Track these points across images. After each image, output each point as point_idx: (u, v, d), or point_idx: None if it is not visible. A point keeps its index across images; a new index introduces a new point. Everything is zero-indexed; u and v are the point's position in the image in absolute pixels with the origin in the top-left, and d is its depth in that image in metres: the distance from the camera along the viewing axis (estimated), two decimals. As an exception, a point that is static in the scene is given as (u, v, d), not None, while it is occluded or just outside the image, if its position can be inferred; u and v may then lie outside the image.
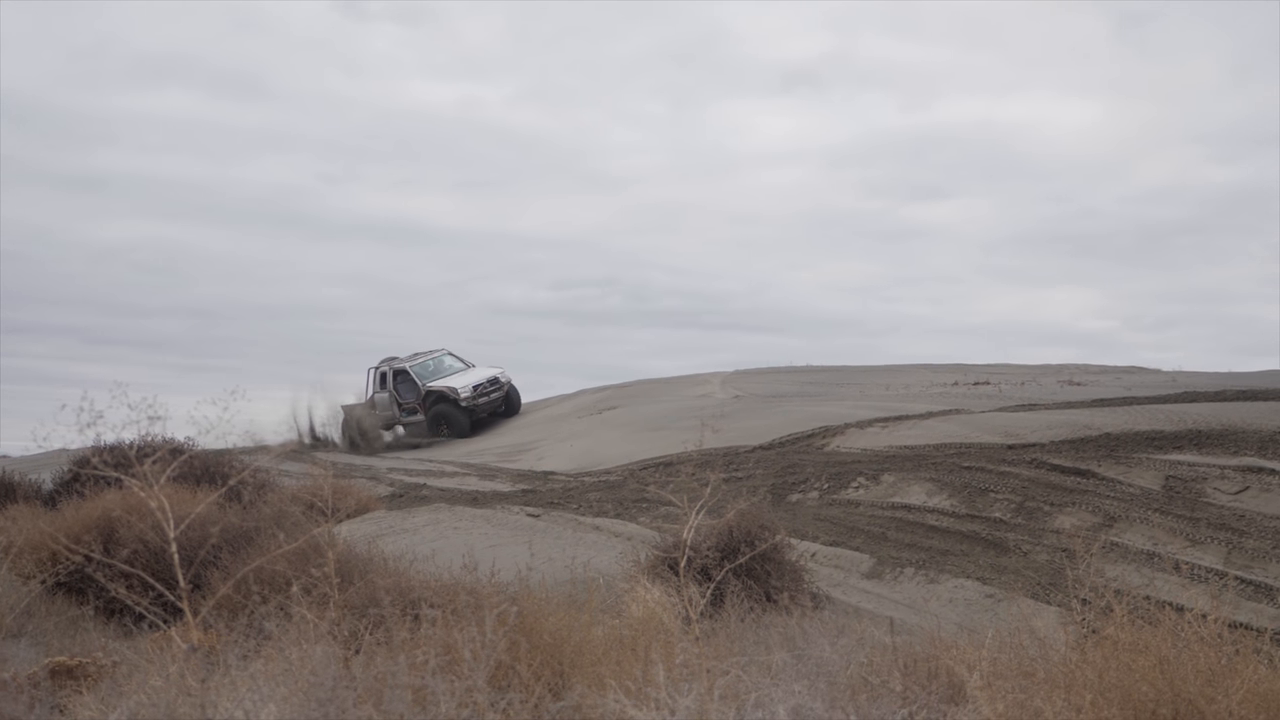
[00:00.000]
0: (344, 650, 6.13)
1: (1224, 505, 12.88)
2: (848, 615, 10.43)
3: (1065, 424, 16.08)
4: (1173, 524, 12.60)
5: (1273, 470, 13.36)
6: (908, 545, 13.05)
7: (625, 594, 9.07)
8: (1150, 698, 4.58)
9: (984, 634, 6.91)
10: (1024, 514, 13.44)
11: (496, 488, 18.64)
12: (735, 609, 8.58)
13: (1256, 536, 12.10)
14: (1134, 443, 14.88)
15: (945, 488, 14.40)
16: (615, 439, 22.28)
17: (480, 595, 7.16)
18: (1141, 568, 11.65)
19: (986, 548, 12.78)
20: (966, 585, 11.92)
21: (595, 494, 16.78)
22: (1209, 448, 14.36)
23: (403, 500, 17.92)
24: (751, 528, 10.47)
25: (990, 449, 15.51)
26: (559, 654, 6.49)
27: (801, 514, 14.38)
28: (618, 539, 13.63)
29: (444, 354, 34.47)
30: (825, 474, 15.72)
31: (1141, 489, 13.55)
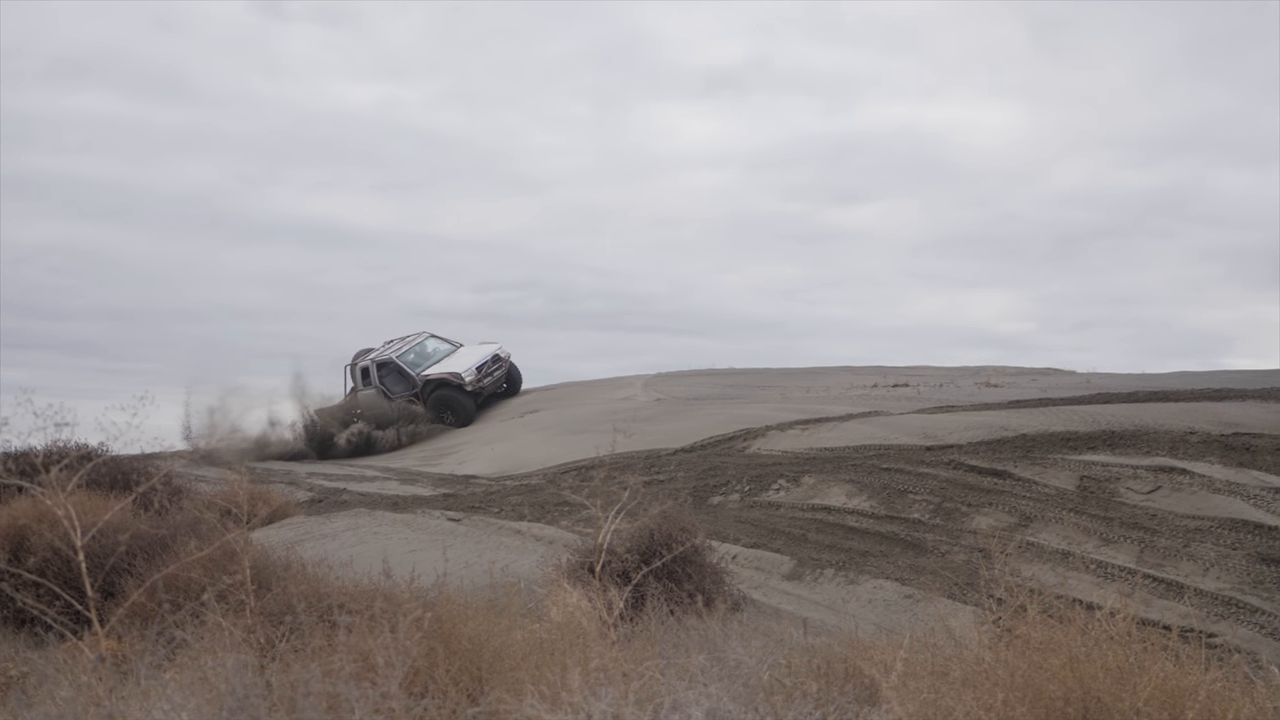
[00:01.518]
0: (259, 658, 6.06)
1: (1136, 505, 13.08)
2: (768, 617, 10.47)
3: (982, 425, 16.26)
4: (1087, 523, 12.78)
5: (1184, 470, 13.59)
6: (828, 547, 13.13)
7: (545, 598, 9.04)
8: (1060, 696, 4.64)
9: (902, 634, 6.97)
10: (942, 515, 13.57)
11: (417, 492, 18.52)
12: (655, 612, 8.58)
13: (1167, 535, 12.30)
14: (1049, 444, 15.07)
15: (865, 489, 14.50)
16: (537, 442, 22.21)
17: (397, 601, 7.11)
18: (1056, 567, 11.80)
19: (905, 548, 12.89)
20: (885, 586, 12.02)
21: (516, 498, 16.71)
22: (1122, 448, 14.58)
23: (322, 505, 17.74)
24: (672, 530, 10.47)
25: (909, 450, 15.64)
26: (477, 659, 6.45)
27: (723, 516, 14.41)
28: (539, 543, 13.59)
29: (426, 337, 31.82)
30: (746, 476, 15.77)
31: (1056, 489, 13.73)
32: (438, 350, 31.21)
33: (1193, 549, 12.04)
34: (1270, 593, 11.20)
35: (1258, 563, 11.64)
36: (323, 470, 23.30)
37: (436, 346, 31.39)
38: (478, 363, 30.36)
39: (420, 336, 31.64)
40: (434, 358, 30.79)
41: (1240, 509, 12.64)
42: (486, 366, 30.49)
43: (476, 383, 29.89)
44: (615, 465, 17.33)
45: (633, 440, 18.85)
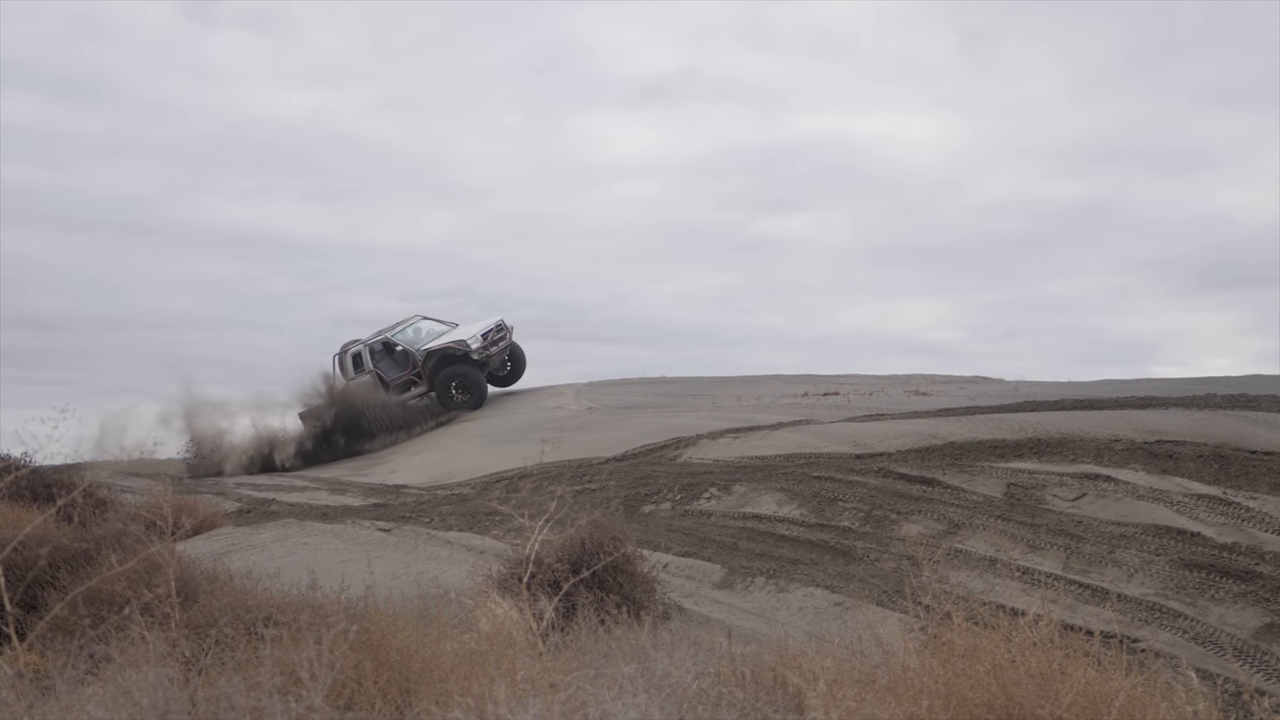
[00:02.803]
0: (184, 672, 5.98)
1: (1062, 511, 13.23)
2: (699, 626, 10.48)
3: (911, 433, 16.39)
4: (1014, 530, 12.91)
5: (1108, 477, 13.76)
6: (758, 555, 13.17)
7: (475, 609, 9.02)
8: (983, 703, 4.68)
9: (831, 642, 7.00)
10: (872, 522, 13.66)
11: (347, 502, 18.39)
12: (586, 622, 8.57)
13: (1093, 541, 12.45)
14: (977, 451, 15.22)
15: (795, 497, 14.57)
16: (468, 452, 22.13)
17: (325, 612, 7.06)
18: (984, 573, 11.91)
19: (835, 556, 12.96)
20: (815, 594, 12.07)
21: (447, 507, 16.64)
22: (1048, 455, 14.74)
23: (250, 516, 17.59)
24: (603, 540, 10.46)
25: (839, 459, 15.74)
26: (406, 671, 6.41)
27: (654, 525, 14.42)
28: (469, 553, 13.53)
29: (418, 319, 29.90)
30: (678, 485, 15.80)
31: (984, 496, 13.86)
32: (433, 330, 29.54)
33: (1117, 555, 12.19)
34: (1193, 598, 11.36)
35: (1180, 568, 11.81)
36: (252, 480, 23.08)
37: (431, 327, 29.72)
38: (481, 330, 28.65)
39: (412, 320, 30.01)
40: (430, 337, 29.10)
41: (1164, 515, 12.81)
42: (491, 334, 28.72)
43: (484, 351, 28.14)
44: (546, 475, 17.32)
45: (564, 449, 18.84)
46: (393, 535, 14.95)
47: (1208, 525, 12.52)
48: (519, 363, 29.94)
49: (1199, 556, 11.95)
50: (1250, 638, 10.75)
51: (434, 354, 28.07)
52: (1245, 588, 11.39)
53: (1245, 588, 11.39)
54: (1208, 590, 11.46)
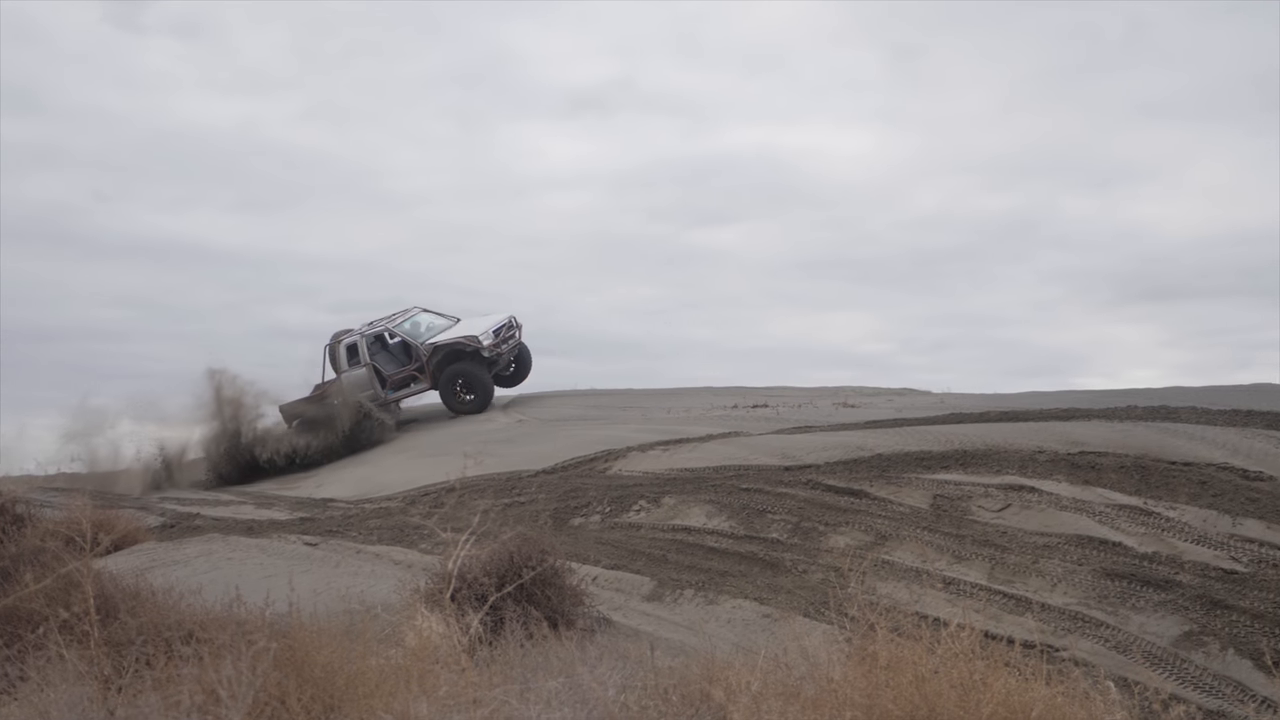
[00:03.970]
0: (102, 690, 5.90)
1: (987, 522, 13.36)
2: (627, 638, 10.48)
3: (839, 445, 16.47)
4: (940, 541, 13.02)
5: (1033, 488, 13.90)
6: (687, 567, 13.19)
7: (402, 624, 8.96)
8: (906, 714, 4.71)
9: (759, 654, 7.02)
10: (800, 534, 13.72)
11: (274, 516, 18.20)
12: (514, 636, 8.55)
13: (1017, 552, 12.58)
14: (904, 463, 15.32)
15: (724, 509, 14.60)
16: (397, 465, 21.99)
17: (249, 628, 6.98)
18: (910, 584, 11.99)
19: (764, 568, 13.00)
20: (744, 605, 12.10)
21: (375, 521, 16.52)
22: (974, 467, 14.86)
23: (174, 531, 17.35)
24: (531, 553, 10.44)
25: (768, 471, 15.79)
26: (330, 687, 6.36)
27: (583, 538, 14.40)
28: (397, 566, 13.45)
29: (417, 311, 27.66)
30: (607, 497, 15.78)
31: (911, 508, 13.96)
32: (434, 325, 27.38)
33: (1041, 565, 12.33)
34: (1114, 607, 11.51)
35: (1102, 578, 11.96)
36: (176, 494, 22.77)
37: (431, 320, 27.55)
38: (494, 325, 26.60)
39: (412, 311, 27.78)
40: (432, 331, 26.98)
41: (1086, 525, 12.97)
42: (503, 331, 26.65)
43: (494, 348, 26.13)
44: (475, 489, 17.25)
45: (493, 462, 18.76)
46: (319, 549, 14.82)
47: (1129, 535, 12.69)
48: (524, 363, 28.02)
49: (1120, 566, 12.11)
50: (1170, 646, 10.91)
51: (441, 349, 26.10)
52: (1165, 596, 11.56)
53: (1165, 596, 11.56)
54: (1129, 599, 11.61)
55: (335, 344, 27.05)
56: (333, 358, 27.09)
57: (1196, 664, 10.65)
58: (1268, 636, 10.84)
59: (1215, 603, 11.39)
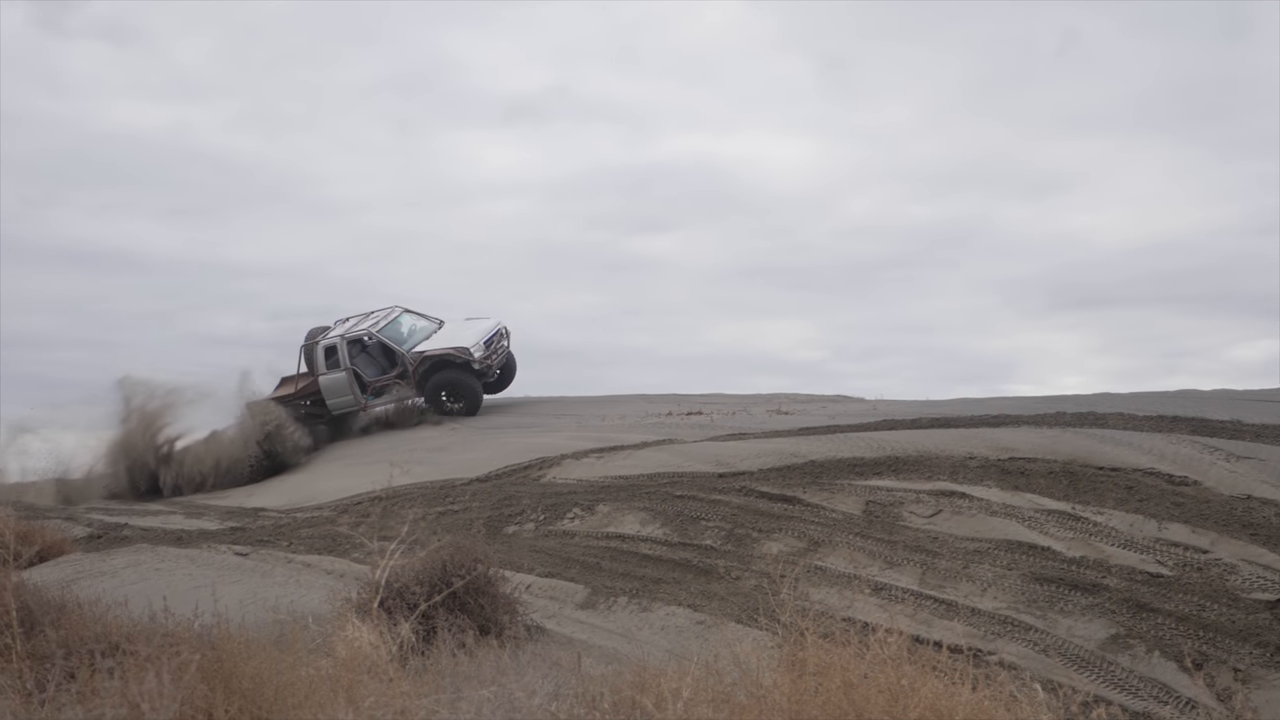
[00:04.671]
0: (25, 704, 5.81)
1: (919, 528, 13.47)
2: (561, 647, 10.47)
3: (773, 452, 16.54)
4: (872, 547, 13.11)
5: (963, 494, 14.03)
6: (621, 574, 13.20)
7: (333, 634, 8.88)
8: (834, 718, 4.75)
9: (692, 661, 7.03)
10: (733, 541, 13.76)
11: (203, 526, 18.00)
12: (446, 645, 8.51)
13: (948, 557, 12.69)
14: (837, 469, 15.41)
15: (658, 516, 14.62)
16: (330, 473, 21.84)
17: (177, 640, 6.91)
18: (843, 590, 12.07)
19: (697, 575, 13.03)
20: (678, 612, 12.13)
21: (307, 530, 16.39)
22: (906, 473, 14.98)
23: (101, 542, 17.11)
24: (463, 561, 10.40)
25: (702, 478, 15.83)
26: (258, 698, 6.30)
27: (517, 546, 14.37)
28: (329, 576, 13.36)
29: (400, 312, 26.54)
30: (541, 505, 15.76)
31: (844, 514, 14.04)
32: (415, 328, 26.36)
33: (971, 570, 12.44)
34: (1043, 611, 11.64)
35: (1031, 582, 12.09)
36: (104, 505, 22.45)
37: (414, 323, 26.49)
38: (485, 336, 25.66)
39: (393, 311, 26.61)
40: (416, 336, 26.04)
41: (1016, 531, 13.10)
42: (494, 342, 25.85)
43: (485, 361, 25.26)
44: (409, 497, 17.17)
45: (427, 470, 18.70)
46: (250, 559, 14.70)
47: (1057, 540, 12.84)
48: (509, 371, 27.12)
49: (1049, 570, 12.25)
50: (1097, 649, 11.04)
51: (430, 359, 25.17)
52: (1092, 600, 11.70)
53: (1092, 600, 11.70)
54: (1057, 603, 11.75)
55: (312, 345, 25.98)
56: (309, 359, 26.03)
57: (1123, 666, 10.79)
58: (1191, 638, 11.01)
59: (1141, 606, 11.55)
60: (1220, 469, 14.23)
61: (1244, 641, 10.96)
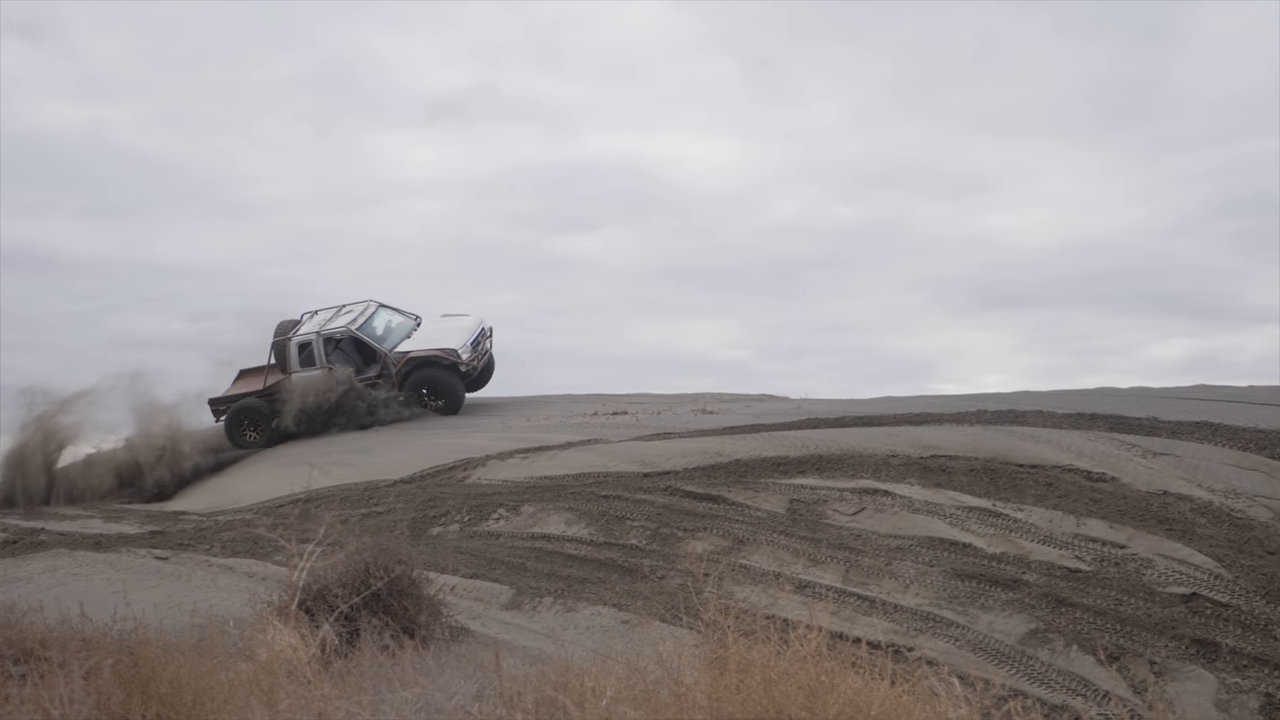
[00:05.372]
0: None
1: (842, 526, 13.56)
2: (485, 647, 10.44)
3: (698, 451, 16.57)
4: (796, 545, 13.18)
5: (886, 492, 14.15)
6: (547, 575, 13.19)
7: (255, 637, 8.81)
8: (755, 716, 4.77)
9: (616, 660, 7.04)
10: (659, 540, 13.79)
11: (123, 530, 17.73)
12: (370, 646, 8.47)
13: (871, 554, 12.80)
14: (761, 468, 15.47)
15: (584, 516, 14.62)
16: (253, 475, 21.57)
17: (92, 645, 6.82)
18: (767, 588, 12.14)
19: (623, 574, 13.05)
20: (603, 612, 12.14)
21: (229, 533, 16.21)
22: (829, 471, 15.07)
23: (17, 547, 16.80)
24: (387, 563, 10.34)
25: (627, 477, 15.83)
26: (176, 704, 6.23)
27: (442, 547, 14.31)
28: (251, 579, 13.24)
29: (376, 307, 25.19)
30: (466, 506, 15.70)
31: (768, 512, 14.11)
32: (393, 324, 25.18)
33: (894, 567, 12.56)
34: (964, 606, 11.77)
35: (953, 578, 12.22)
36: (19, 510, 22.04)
37: (391, 319, 25.27)
38: (471, 337, 24.63)
39: (367, 305, 25.30)
40: (395, 333, 24.89)
41: (938, 528, 13.23)
42: (480, 342, 24.88)
43: (473, 362, 24.31)
44: (332, 498, 17.03)
45: (351, 472, 18.56)
46: (170, 563, 14.53)
47: (978, 536, 12.98)
48: (489, 370, 26.05)
49: (970, 567, 12.39)
50: (1016, 643, 11.19)
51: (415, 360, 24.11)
52: (1012, 596, 11.85)
53: (1012, 596, 11.85)
54: (978, 599, 11.89)
55: (284, 340, 24.67)
56: (280, 355, 24.78)
57: (1042, 660, 10.94)
58: (1109, 632, 11.19)
59: (1060, 601, 11.71)
60: (1137, 465, 14.47)
61: (1159, 634, 11.15)
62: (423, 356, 24.18)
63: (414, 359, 24.14)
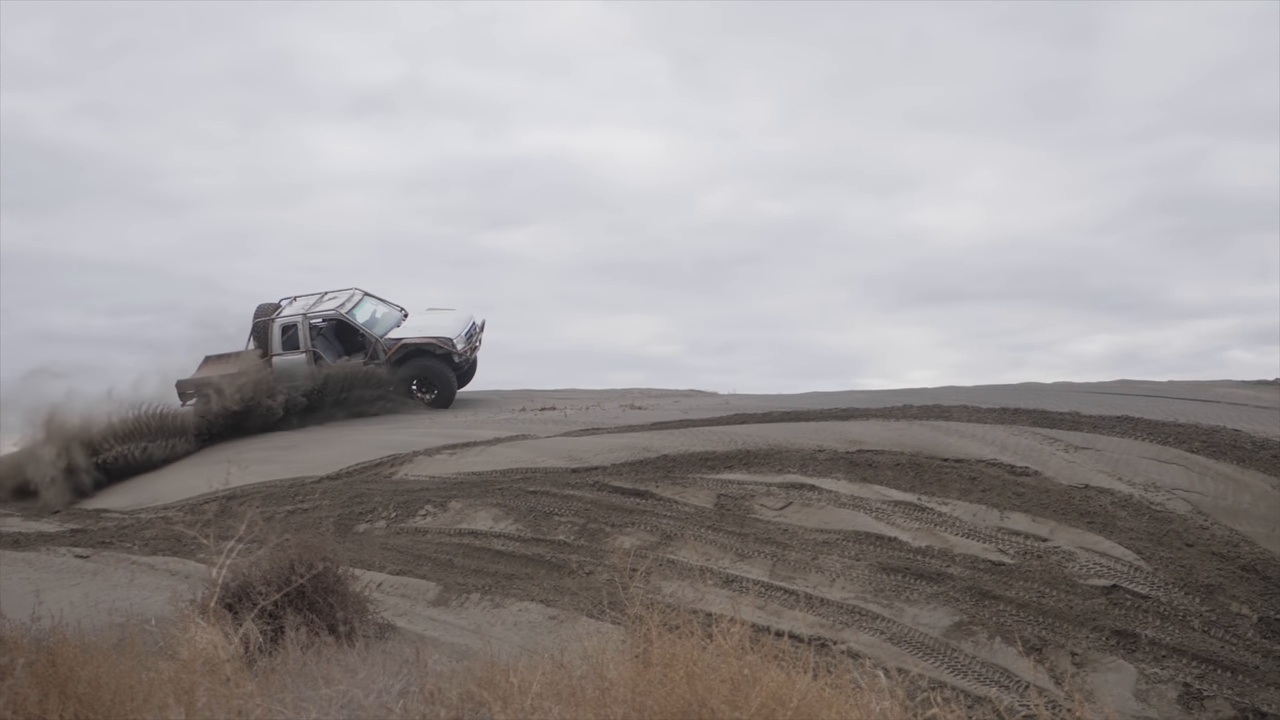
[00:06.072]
0: None
1: (769, 520, 13.62)
2: (412, 644, 10.38)
3: (626, 447, 16.58)
4: (724, 540, 13.23)
5: (813, 486, 14.23)
6: (474, 571, 13.14)
7: (177, 635, 8.71)
8: (678, 710, 4.79)
9: (543, 655, 7.04)
10: (586, 535, 13.79)
11: (42, 528, 17.45)
12: (295, 645, 8.41)
13: (798, 549, 12.87)
14: (689, 463, 15.50)
15: (511, 512, 14.58)
16: (175, 472, 21.30)
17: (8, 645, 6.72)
18: (695, 583, 12.16)
19: (550, 570, 13.03)
20: (530, 608, 12.13)
21: (151, 531, 16.00)
22: (757, 466, 15.13)
23: (-69, 546, 16.49)
24: (311, 560, 10.26)
25: (555, 473, 15.81)
26: (95, 703, 6.15)
27: (368, 544, 14.22)
28: (174, 577, 13.09)
29: (361, 296, 24.15)
30: (393, 503, 15.61)
31: (696, 508, 14.15)
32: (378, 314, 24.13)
33: (820, 561, 12.64)
34: (889, 600, 11.87)
35: (878, 572, 12.32)
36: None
37: (377, 309, 24.21)
38: (465, 329, 23.78)
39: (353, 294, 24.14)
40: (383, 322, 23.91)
41: (864, 522, 13.33)
42: (474, 335, 24.07)
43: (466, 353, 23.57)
44: (258, 495, 16.87)
45: (276, 469, 18.38)
46: (91, 562, 14.33)
47: (904, 530, 13.10)
48: (474, 367, 25.30)
49: (895, 560, 12.49)
50: (941, 636, 11.30)
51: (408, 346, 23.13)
52: (937, 589, 11.97)
53: (937, 589, 11.97)
54: (903, 592, 11.99)
55: (267, 321, 23.56)
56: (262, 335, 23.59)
57: (966, 652, 11.06)
58: (1031, 624, 11.33)
59: (984, 593, 11.84)
60: (1059, 459, 14.66)
61: (1081, 626, 11.31)
62: (416, 343, 23.32)
63: (406, 345, 23.25)
